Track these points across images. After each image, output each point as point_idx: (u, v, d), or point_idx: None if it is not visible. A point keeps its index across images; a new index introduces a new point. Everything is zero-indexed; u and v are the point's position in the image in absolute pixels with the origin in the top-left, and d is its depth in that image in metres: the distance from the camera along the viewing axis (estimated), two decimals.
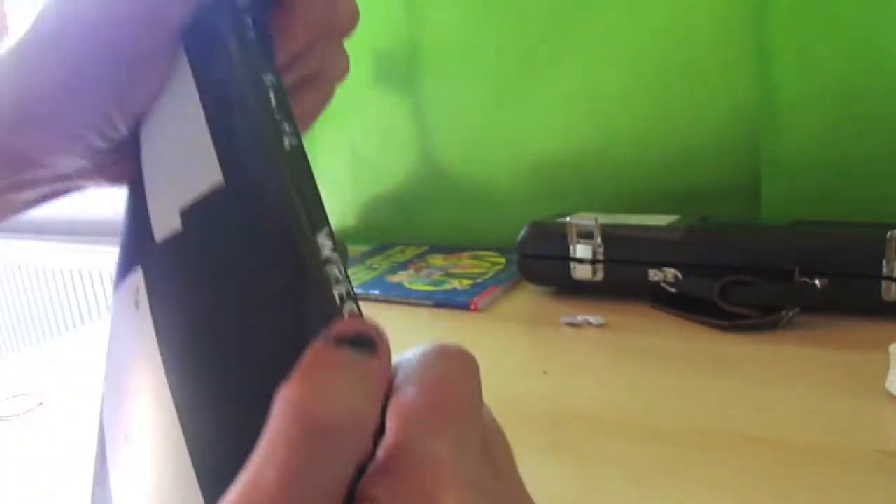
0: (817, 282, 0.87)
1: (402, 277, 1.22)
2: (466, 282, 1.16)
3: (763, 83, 1.08)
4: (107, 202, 2.19)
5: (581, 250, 1.03)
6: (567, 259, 1.05)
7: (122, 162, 0.38)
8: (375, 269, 1.29)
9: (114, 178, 0.40)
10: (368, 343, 0.28)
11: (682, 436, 0.65)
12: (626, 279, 1.01)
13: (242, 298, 0.31)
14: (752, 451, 0.62)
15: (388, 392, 0.27)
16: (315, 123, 0.45)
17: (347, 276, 0.31)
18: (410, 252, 1.40)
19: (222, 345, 0.31)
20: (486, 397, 0.73)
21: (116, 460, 0.35)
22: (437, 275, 1.21)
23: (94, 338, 1.11)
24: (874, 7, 0.98)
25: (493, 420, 0.32)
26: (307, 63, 0.40)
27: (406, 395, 0.27)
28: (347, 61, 0.44)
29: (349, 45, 1.38)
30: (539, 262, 1.08)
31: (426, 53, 1.38)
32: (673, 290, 0.97)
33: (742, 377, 0.76)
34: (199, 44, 0.35)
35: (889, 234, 0.84)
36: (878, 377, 0.71)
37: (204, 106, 0.33)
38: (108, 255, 2.01)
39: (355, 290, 1.13)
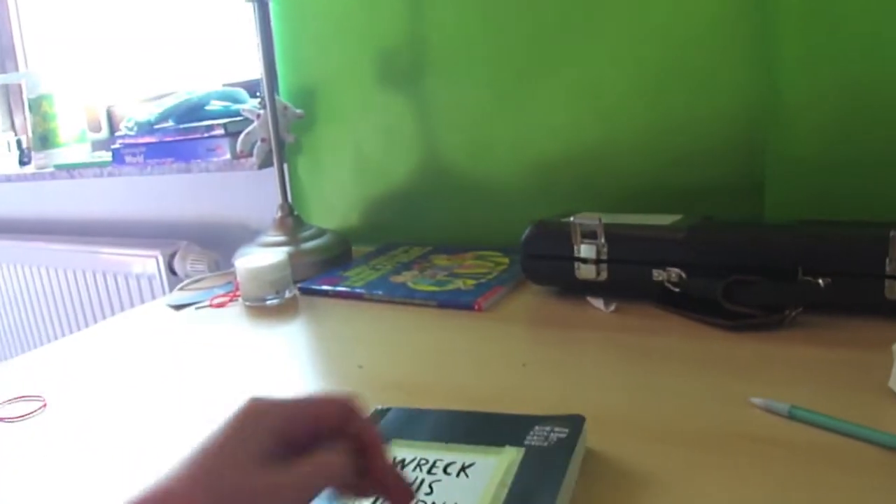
0: (821, 281, 0.87)
1: (406, 278, 1.22)
2: (470, 282, 1.16)
3: (767, 83, 1.08)
4: (106, 203, 2.20)
5: (585, 250, 1.03)
6: (571, 259, 1.05)
7: None
8: (379, 269, 1.29)
9: None
10: None
11: (686, 435, 0.65)
12: (629, 279, 1.01)
13: None
14: (756, 450, 0.62)
15: None
16: None
17: None
18: (414, 252, 1.40)
19: None
20: (490, 396, 0.73)
21: None
22: (441, 275, 1.21)
23: (97, 339, 1.12)
24: (879, 8, 0.98)
25: None
26: None
27: None
28: None
29: (354, 45, 1.38)
30: (543, 261, 1.08)
31: (430, 54, 1.38)
32: (677, 289, 0.97)
33: (746, 376, 0.76)
34: None
35: (892, 233, 0.84)
36: (882, 376, 0.71)
37: None
38: (108, 256, 2.01)
39: (360, 290, 1.13)
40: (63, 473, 0.71)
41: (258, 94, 1.76)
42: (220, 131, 1.63)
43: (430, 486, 0.57)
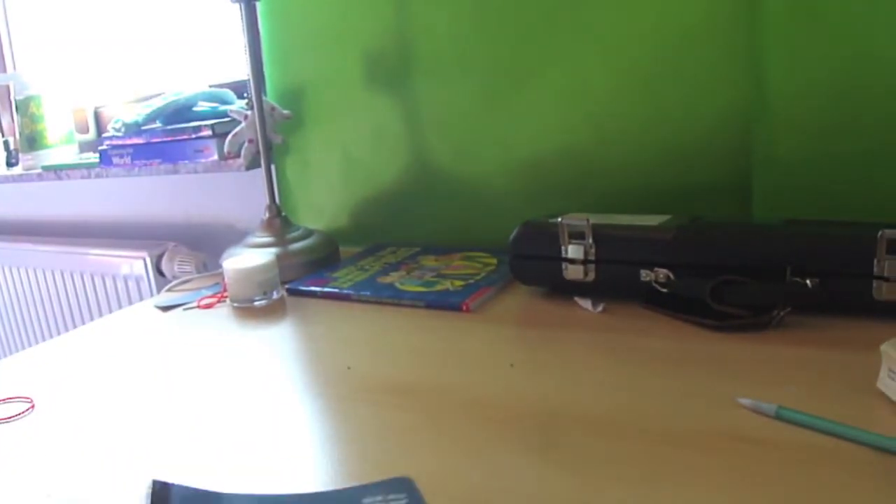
0: (808, 281, 0.87)
1: (394, 278, 1.22)
2: (458, 283, 1.16)
3: (754, 82, 1.09)
4: (94, 204, 2.19)
5: (573, 251, 1.03)
6: (559, 259, 1.05)
7: None
8: (367, 270, 1.29)
9: None
10: None
11: (673, 435, 0.65)
12: (617, 279, 1.01)
13: None
14: (743, 451, 0.62)
15: None
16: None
17: None
18: (402, 253, 1.39)
19: None
20: (479, 397, 0.73)
21: None
22: (428, 276, 1.21)
23: (85, 341, 1.11)
24: (864, 7, 0.98)
25: None
26: None
27: None
28: None
29: (342, 46, 1.39)
30: (531, 262, 1.08)
31: (418, 55, 1.38)
32: (664, 290, 0.97)
33: (733, 377, 0.76)
34: None
35: (880, 233, 0.84)
36: (870, 376, 0.71)
37: None
38: (95, 257, 2.01)
39: (347, 291, 1.12)
40: (51, 475, 0.71)
41: (245, 95, 1.75)
42: (208, 132, 1.62)
43: None
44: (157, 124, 1.75)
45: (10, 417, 0.85)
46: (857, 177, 1.03)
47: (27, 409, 0.87)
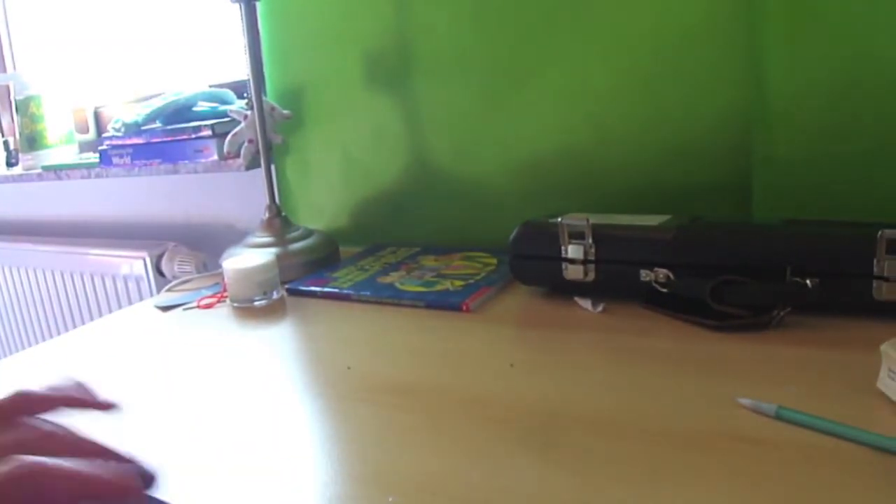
0: (808, 281, 0.87)
1: (394, 278, 1.22)
2: (458, 283, 1.16)
3: (754, 82, 1.08)
4: (94, 204, 2.19)
5: (572, 251, 1.03)
6: (559, 259, 1.05)
7: None
8: (367, 270, 1.29)
9: None
10: None
11: (673, 435, 0.65)
12: (617, 279, 1.01)
13: None
14: (743, 451, 0.62)
15: None
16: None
17: None
18: (402, 253, 1.39)
19: None
20: (478, 397, 0.73)
21: None
22: (428, 276, 1.21)
23: (85, 341, 1.11)
24: (864, 7, 0.98)
25: None
26: None
27: None
28: None
29: (342, 46, 1.38)
30: (531, 262, 1.08)
31: (418, 55, 1.38)
32: (664, 290, 0.97)
33: (734, 377, 0.76)
34: None
35: (880, 233, 0.84)
36: (870, 376, 0.71)
37: None
38: (95, 257, 2.01)
39: (347, 291, 1.12)
40: None
41: (245, 95, 1.75)
42: (208, 132, 1.62)
43: None
44: (157, 124, 1.75)
45: None
46: (857, 177, 1.03)
47: None
